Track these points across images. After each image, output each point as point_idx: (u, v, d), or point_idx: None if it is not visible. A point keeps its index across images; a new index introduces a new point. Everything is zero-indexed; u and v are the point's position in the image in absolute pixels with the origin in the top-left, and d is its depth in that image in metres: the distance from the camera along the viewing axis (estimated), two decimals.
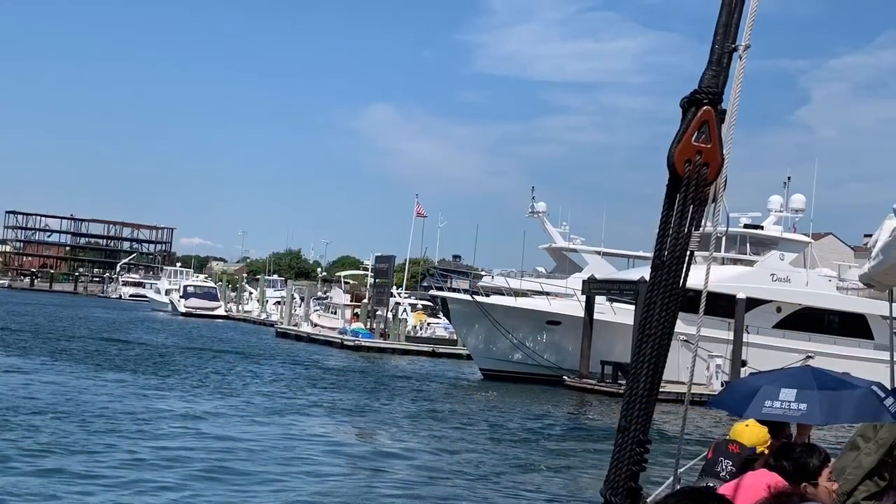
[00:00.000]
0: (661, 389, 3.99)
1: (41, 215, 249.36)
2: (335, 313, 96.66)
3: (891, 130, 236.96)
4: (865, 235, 63.78)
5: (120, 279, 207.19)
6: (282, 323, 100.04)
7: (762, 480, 6.58)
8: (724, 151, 3.97)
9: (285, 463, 25.15)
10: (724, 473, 8.57)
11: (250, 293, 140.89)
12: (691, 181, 3.89)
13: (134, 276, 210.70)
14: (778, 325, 56.81)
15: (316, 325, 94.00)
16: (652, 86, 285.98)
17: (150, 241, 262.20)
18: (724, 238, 55.93)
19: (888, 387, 9.18)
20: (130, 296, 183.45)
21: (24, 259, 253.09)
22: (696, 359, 5.74)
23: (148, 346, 64.19)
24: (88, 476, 21.62)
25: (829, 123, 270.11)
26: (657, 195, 3.93)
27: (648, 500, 7.46)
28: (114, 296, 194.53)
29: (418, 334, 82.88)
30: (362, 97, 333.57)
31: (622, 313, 54.44)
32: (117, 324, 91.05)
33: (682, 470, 9.03)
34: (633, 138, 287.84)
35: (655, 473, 13.47)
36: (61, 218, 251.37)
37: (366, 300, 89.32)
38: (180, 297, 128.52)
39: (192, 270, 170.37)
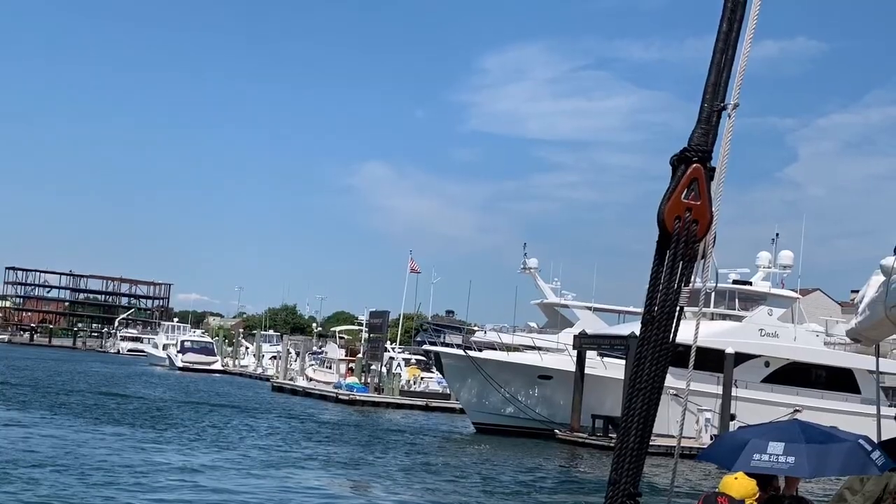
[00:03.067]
0: (650, 443, 4.10)
1: (40, 271, 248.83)
2: (330, 368, 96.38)
3: (878, 187, 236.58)
4: (852, 291, 64.06)
5: (118, 334, 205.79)
6: (277, 377, 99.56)
7: None
8: (713, 208, 4.07)
9: None
10: None
11: (246, 348, 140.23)
12: (681, 238, 4.00)
13: (132, 332, 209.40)
14: (766, 380, 56.96)
15: (311, 379, 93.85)
16: (643, 144, 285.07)
17: (147, 297, 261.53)
18: (713, 293, 56.27)
19: (875, 440, 9.41)
20: (128, 350, 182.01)
21: (24, 314, 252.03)
22: (686, 413, 5.91)
23: (146, 400, 64.08)
24: None
25: (817, 181, 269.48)
26: (648, 251, 4.07)
27: None
28: (112, 350, 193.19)
29: (412, 388, 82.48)
30: (357, 155, 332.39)
31: (613, 368, 54.44)
32: (115, 378, 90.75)
33: None
34: (625, 195, 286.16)
35: None
36: (60, 274, 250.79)
37: (360, 355, 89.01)
38: (178, 351, 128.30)
39: (189, 325, 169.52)
